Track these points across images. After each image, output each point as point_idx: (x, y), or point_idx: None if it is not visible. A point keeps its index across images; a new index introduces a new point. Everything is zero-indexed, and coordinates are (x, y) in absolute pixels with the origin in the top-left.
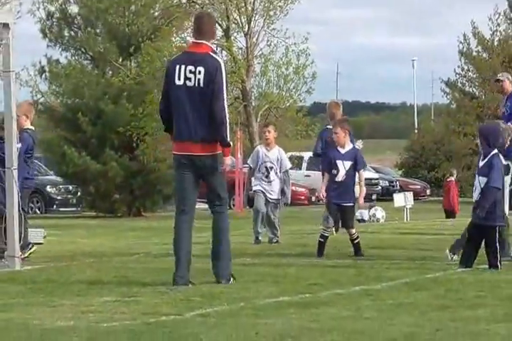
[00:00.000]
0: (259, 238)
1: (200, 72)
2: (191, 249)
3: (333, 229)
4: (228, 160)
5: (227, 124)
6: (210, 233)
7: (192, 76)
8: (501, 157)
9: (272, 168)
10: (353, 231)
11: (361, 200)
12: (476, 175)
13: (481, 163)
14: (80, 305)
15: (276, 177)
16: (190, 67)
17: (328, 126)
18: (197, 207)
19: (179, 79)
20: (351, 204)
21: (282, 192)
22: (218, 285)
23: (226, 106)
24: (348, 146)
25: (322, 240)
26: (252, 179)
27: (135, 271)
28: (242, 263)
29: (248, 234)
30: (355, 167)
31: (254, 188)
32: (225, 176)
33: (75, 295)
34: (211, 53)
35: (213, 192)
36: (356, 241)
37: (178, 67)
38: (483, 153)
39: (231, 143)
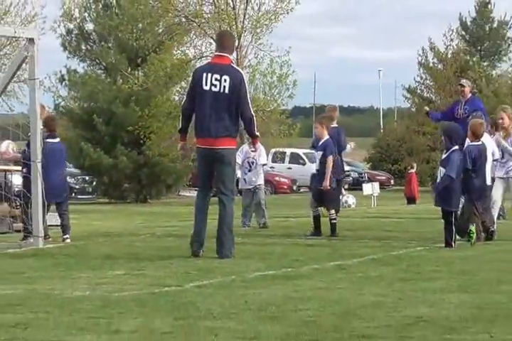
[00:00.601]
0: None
1: (225, 81)
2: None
3: (321, 209)
4: (257, 145)
5: (254, 121)
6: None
7: (217, 83)
8: (459, 152)
9: (253, 162)
10: (331, 212)
11: (325, 183)
12: (439, 167)
13: (443, 156)
14: (95, 277)
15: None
16: (216, 76)
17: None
18: (191, 194)
19: (206, 85)
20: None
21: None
22: (213, 260)
23: (251, 107)
24: (323, 139)
25: (314, 220)
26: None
27: (142, 248)
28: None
29: (237, 218)
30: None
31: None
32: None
33: (91, 269)
34: (232, 64)
35: (222, 182)
36: (332, 221)
37: (205, 74)
38: (446, 148)
39: (258, 135)
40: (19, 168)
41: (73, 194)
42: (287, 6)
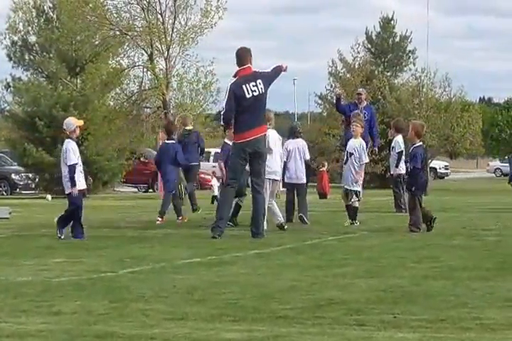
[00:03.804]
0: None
1: (260, 83)
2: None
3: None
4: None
5: None
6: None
7: (255, 88)
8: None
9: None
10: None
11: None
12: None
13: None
14: (37, 264)
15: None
16: (253, 83)
17: None
18: (125, 190)
19: (248, 93)
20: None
21: None
22: (145, 248)
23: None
24: None
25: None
26: None
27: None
28: (165, 233)
29: (169, 209)
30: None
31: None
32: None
33: (33, 257)
34: (255, 70)
35: (257, 175)
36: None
37: (244, 86)
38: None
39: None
40: None
41: (18, 189)
42: (211, 21)
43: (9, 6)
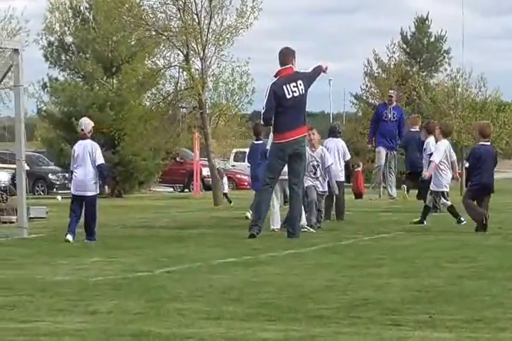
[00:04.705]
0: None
1: (301, 84)
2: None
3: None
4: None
5: None
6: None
7: (296, 89)
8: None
9: (318, 165)
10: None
11: None
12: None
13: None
14: (74, 264)
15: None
16: (293, 84)
17: None
18: (161, 190)
19: (289, 94)
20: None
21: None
22: (180, 248)
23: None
24: None
25: None
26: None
27: (116, 238)
28: (200, 233)
29: (204, 210)
30: None
31: (305, 184)
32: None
33: (70, 257)
34: (296, 70)
35: (295, 175)
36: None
37: (285, 87)
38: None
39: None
40: (6, 165)
41: (54, 189)
42: (247, 21)
43: (46, 6)
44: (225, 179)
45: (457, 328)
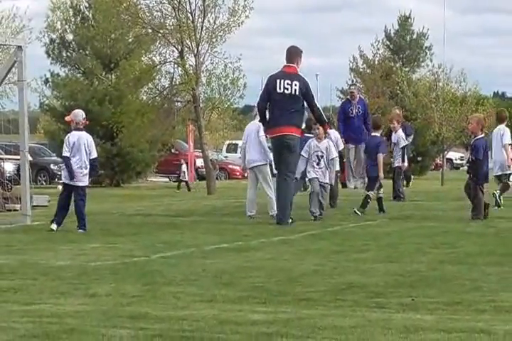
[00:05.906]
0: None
1: (296, 85)
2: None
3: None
4: (327, 128)
5: (323, 114)
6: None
7: (289, 87)
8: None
9: (322, 156)
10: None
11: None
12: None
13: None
14: (74, 249)
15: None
16: (287, 81)
17: None
18: (156, 180)
19: (280, 88)
20: None
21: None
22: (175, 235)
23: (318, 105)
24: None
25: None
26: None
27: (114, 225)
28: (194, 220)
29: (199, 198)
30: None
31: (309, 176)
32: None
33: (71, 243)
34: (299, 73)
35: (286, 165)
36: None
37: (278, 80)
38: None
39: (326, 121)
40: (11, 156)
41: (56, 179)
42: (239, 20)
43: (48, 5)
44: (184, 167)
45: (438, 310)
